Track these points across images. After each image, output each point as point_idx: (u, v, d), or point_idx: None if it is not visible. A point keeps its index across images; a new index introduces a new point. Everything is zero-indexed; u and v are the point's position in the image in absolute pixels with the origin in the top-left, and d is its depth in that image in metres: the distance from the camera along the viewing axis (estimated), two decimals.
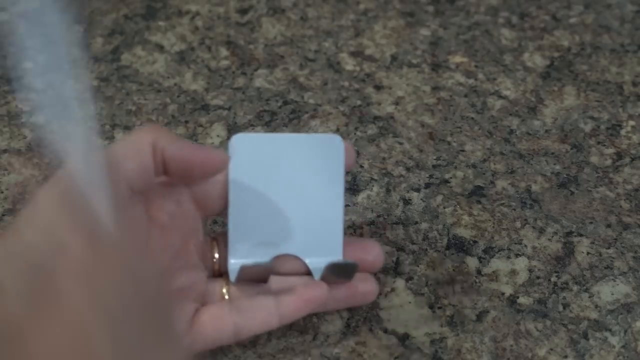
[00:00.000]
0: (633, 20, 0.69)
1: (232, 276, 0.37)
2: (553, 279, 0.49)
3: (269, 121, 0.59)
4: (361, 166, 0.56)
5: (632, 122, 0.59)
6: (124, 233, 0.29)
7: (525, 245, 0.50)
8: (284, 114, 0.60)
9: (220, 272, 0.38)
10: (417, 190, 0.54)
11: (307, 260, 0.39)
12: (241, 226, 0.37)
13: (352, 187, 0.54)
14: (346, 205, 0.52)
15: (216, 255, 0.38)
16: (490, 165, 0.56)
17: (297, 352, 0.44)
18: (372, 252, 0.39)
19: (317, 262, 0.38)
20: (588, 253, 0.50)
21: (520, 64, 0.65)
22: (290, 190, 0.38)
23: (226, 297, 0.38)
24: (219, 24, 0.69)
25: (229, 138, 0.59)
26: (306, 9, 0.71)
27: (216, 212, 0.38)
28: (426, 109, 0.61)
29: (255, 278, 0.38)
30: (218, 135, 0.58)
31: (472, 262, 0.49)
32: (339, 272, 0.38)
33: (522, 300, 0.47)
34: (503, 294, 0.48)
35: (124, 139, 0.33)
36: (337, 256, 0.38)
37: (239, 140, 0.38)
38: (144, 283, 0.29)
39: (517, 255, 0.50)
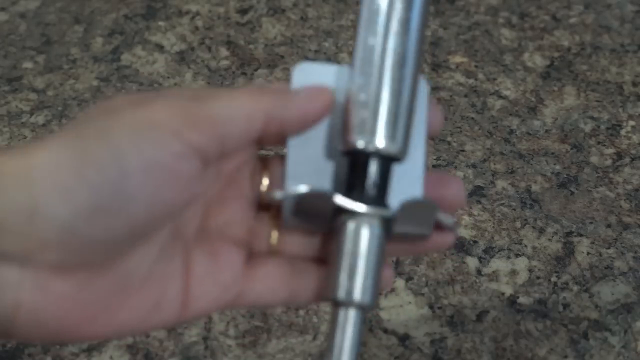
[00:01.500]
0: (633, 20, 0.69)
1: (287, 209, 0.30)
2: (553, 279, 0.49)
3: None
4: None
5: (632, 122, 0.59)
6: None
7: (525, 245, 0.50)
8: None
9: (266, 205, 0.32)
10: None
11: None
12: (302, 160, 0.30)
13: None
14: None
15: (265, 180, 0.32)
16: (490, 165, 0.56)
17: (297, 352, 0.44)
18: (453, 188, 0.31)
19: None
20: (588, 253, 0.50)
21: (520, 64, 0.65)
22: None
23: (274, 241, 0.32)
24: (219, 24, 0.69)
25: None
26: (306, 9, 0.71)
27: None
28: None
29: (314, 214, 0.31)
30: None
31: (472, 262, 0.49)
32: (414, 216, 0.30)
33: (522, 300, 0.47)
34: (503, 294, 0.48)
35: (231, 97, 0.28)
36: (415, 194, 0.31)
37: (301, 70, 0.32)
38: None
39: (517, 255, 0.50)
